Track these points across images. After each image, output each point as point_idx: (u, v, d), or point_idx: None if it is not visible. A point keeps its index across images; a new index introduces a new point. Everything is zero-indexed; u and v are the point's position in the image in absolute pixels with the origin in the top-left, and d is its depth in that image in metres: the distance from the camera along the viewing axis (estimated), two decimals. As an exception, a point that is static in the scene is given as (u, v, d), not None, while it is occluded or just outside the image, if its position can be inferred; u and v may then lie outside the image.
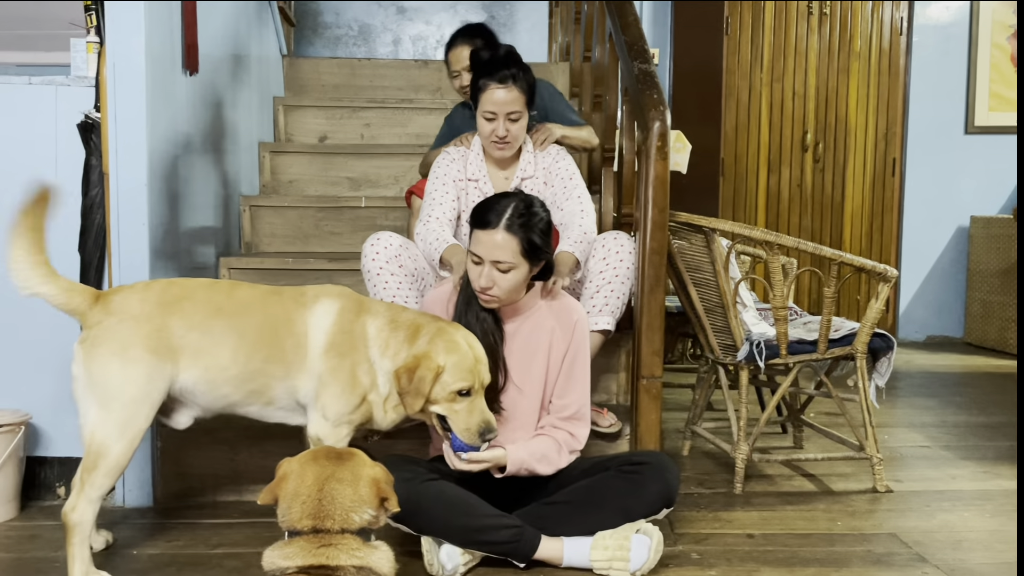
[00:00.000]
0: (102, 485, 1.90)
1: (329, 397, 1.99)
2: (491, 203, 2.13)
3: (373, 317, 2.04)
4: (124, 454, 1.90)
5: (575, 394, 2.21)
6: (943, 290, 5.72)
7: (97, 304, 1.92)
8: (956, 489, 2.70)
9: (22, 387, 2.46)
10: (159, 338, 1.91)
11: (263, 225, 3.55)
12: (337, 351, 1.99)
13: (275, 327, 1.99)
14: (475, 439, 1.96)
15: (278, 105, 4.11)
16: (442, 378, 1.94)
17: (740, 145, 5.63)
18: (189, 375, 1.95)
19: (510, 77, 2.50)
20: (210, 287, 2.04)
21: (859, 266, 2.61)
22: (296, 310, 2.02)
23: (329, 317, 2.01)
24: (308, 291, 2.07)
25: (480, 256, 2.09)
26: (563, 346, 2.21)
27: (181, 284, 2.03)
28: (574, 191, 2.59)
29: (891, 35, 5.65)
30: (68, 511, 1.89)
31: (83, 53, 2.47)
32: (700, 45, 5.38)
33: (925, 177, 5.69)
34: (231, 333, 1.96)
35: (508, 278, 2.10)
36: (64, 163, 2.43)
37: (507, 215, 2.08)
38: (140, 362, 1.89)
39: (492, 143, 2.58)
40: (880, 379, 2.72)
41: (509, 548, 2.01)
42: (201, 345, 1.94)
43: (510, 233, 2.07)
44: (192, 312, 1.95)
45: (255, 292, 2.06)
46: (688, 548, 2.20)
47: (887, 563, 2.12)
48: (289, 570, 1.51)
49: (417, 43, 5.68)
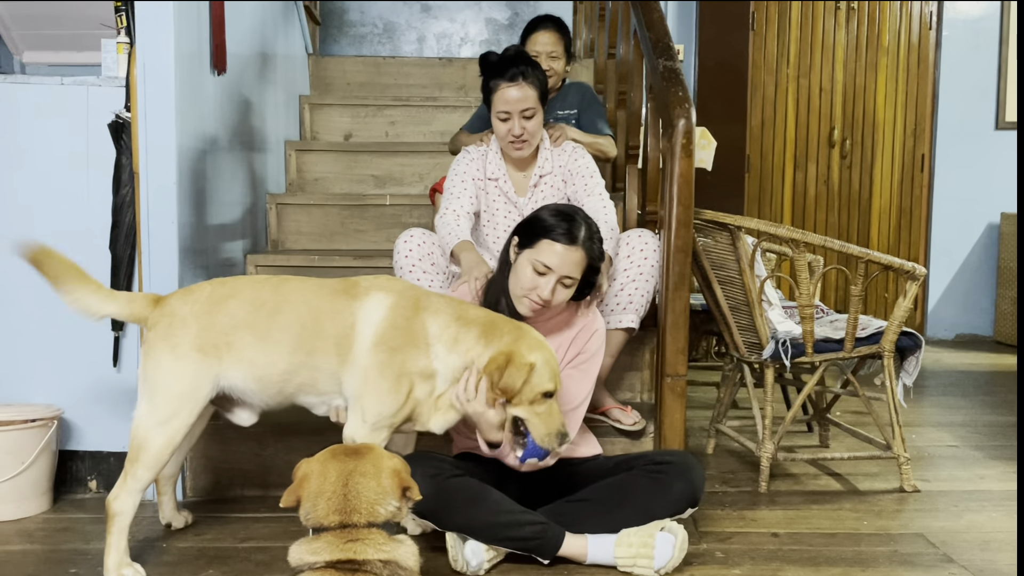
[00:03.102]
0: (142, 477, 1.94)
1: (371, 396, 1.94)
2: (563, 215, 2.13)
3: (434, 314, 1.97)
4: (164, 448, 1.94)
5: (580, 387, 2.20)
6: (972, 288, 5.65)
7: (156, 308, 1.99)
8: (984, 489, 2.68)
9: (54, 382, 2.51)
10: (205, 337, 1.94)
11: (289, 223, 3.58)
12: (387, 346, 1.93)
13: (320, 319, 1.97)
14: (553, 443, 1.91)
15: (304, 103, 4.14)
16: (531, 378, 1.88)
17: (766, 141, 5.59)
18: (237, 372, 1.97)
19: (520, 74, 2.50)
20: (257, 284, 2.03)
21: (887, 264, 2.59)
22: (344, 301, 1.98)
23: (380, 311, 1.96)
24: (361, 282, 2.03)
25: (551, 267, 2.09)
26: (577, 348, 2.23)
27: (231, 283, 2.04)
28: (595, 188, 2.59)
29: (920, 30, 5.59)
30: (111, 500, 1.94)
31: (113, 53, 2.50)
32: (725, 41, 5.35)
33: (954, 174, 5.62)
34: (274, 328, 1.96)
35: (567, 292, 2.14)
36: (95, 162, 2.46)
37: (582, 234, 2.11)
38: (186, 360, 1.93)
39: (509, 143, 2.57)
40: (908, 378, 2.70)
41: (533, 544, 2.01)
42: (244, 342, 1.96)
43: (584, 250, 2.11)
44: (236, 309, 1.97)
45: (303, 286, 2.03)
46: (712, 547, 2.19)
47: (914, 563, 2.11)
48: (316, 565, 1.52)
49: (441, 41, 5.69)
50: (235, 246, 3.12)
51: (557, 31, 3.23)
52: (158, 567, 2.03)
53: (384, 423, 1.96)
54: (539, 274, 2.10)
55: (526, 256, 2.13)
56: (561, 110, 3.18)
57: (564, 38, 3.25)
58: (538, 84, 2.53)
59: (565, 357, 2.22)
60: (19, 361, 2.50)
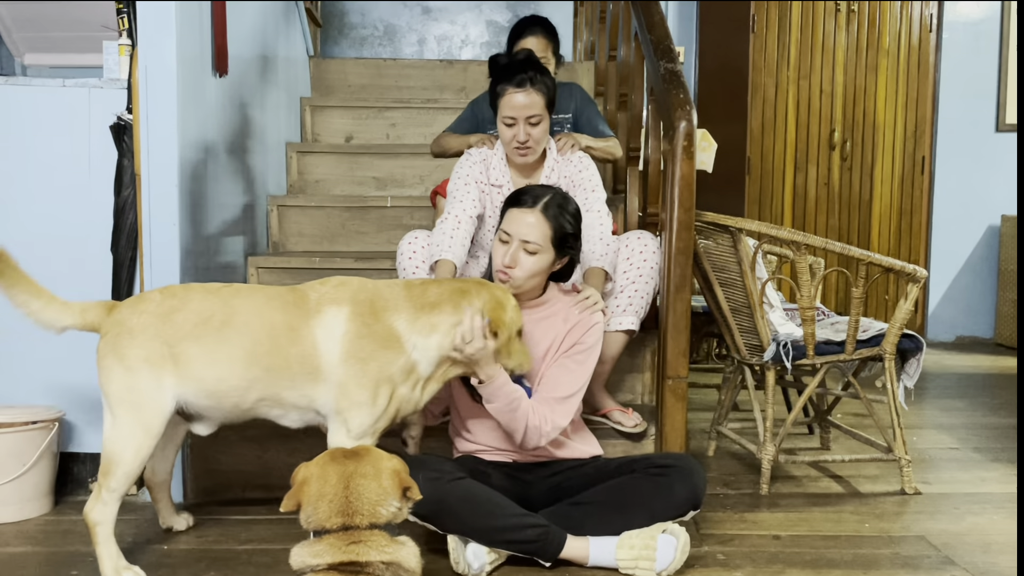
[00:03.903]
0: (116, 488, 1.92)
1: (353, 408, 1.94)
2: (530, 187, 2.21)
3: (396, 312, 1.97)
4: (133, 461, 1.92)
5: (573, 378, 2.18)
6: (973, 290, 5.65)
7: (108, 316, 1.97)
8: (986, 492, 2.67)
9: (56, 384, 2.51)
10: (152, 348, 1.92)
11: (290, 225, 3.59)
12: (357, 358, 1.93)
13: (275, 336, 1.94)
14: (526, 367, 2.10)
15: (305, 105, 4.14)
16: (514, 315, 2.04)
17: (766, 143, 5.59)
18: (188, 386, 1.94)
19: (528, 80, 2.48)
20: (207, 295, 1.99)
21: (887, 266, 2.59)
22: (299, 317, 1.95)
23: (339, 325, 1.94)
24: (310, 293, 2.00)
25: (510, 234, 2.12)
26: (573, 340, 2.20)
27: (181, 293, 2.00)
28: (595, 204, 2.55)
29: (921, 32, 5.59)
30: (87, 511, 1.93)
31: (115, 55, 2.51)
32: (726, 43, 5.36)
33: (955, 176, 5.62)
34: (223, 343, 1.93)
35: (532, 261, 2.13)
36: (97, 164, 2.46)
37: (544, 199, 2.14)
38: (136, 372, 1.91)
39: (514, 149, 2.56)
40: (909, 380, 2.70)
41: (535, 547, 2.01)
42: (190, 355, 1.92)
43: (544, 216, 2.12)
44: (183, 323, 1.93)
45: (254, 298, 1.99)
46: (713, 549, 2.19)
47: (915, 566, 2.11)
48: (319, 567, 1.52)
49: (442, 43, 5.69)
50: (236, 248, 3.12)
51: (545, 36, 3.16)
52: (159, 569, 2.03)
53: (368, 431, 1.97)
54: (502, 242, 2.14)
55: (496, 232, 2.18)
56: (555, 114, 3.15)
57: (552, 42, 3.19)
58: (546, 91, 2.51)
59: (561, 347, 2.21)
60: (20, 363, 2.50)
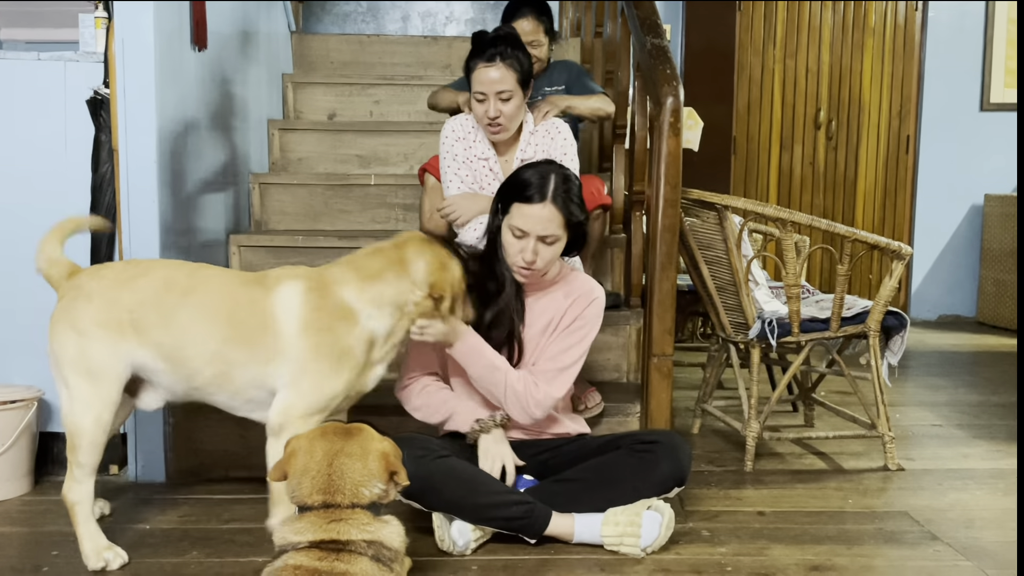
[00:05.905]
0: (86, 463, 1.90)
1: (311, 380, 1.92)
2: (528, 175, 2.11)
3: (343, 284, 1.97)
4: (95, 430, 1.89)
5: (572, 351, 2.17)
6: (956, 269, 5.68)
7: (67, 280, 1.94)
8: (968, 468, 2.69)
9: (34, 363, 2.46)
10: (108, 312, 1.89)
11: (272, 203, 3.54)
12: (315, 328, 1.93)
13: (235, 308, 1.93)
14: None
15: (287, 82, 4.09)
16: (458, 272, 2.03)
17: (752, 122, 5.58)
18: (146, 352, 1.92)
19: (498, 55, 2.45)
20: (170, 266, 2.01)
21: (873, 243, 2.59)
22: (259, 291, 1.96)
23: (296, 297, 1.95)
24: (270, 274, 2.02)
25: (525, 231, 2.08)
26: (574, 314, 2.19)
27: (146, 264, 2.00)
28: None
29: (906, 10, 5.58)
30: (65, 493, 1.91)
31: (91, 28, 2.46)
32: (712, 21, 5.32)
33: (939, 155, 5.63)
34: (182, 309, 1.92)
35: (552, 250, 2.11)
36: (73, 140, 2.42)
37: (551, 188, 2.08)
38: (89, 336, 1.88)
39: (486, 126, 2.54)
40: (893, 357, 2.71)
41: (520, 524, 2.01)
42: (149, 320, 1.90)
43: (555, 206, 2.07)
44: (144, 287, 1.92)
45: (219, 272, 2.01)
46: (698, 525, 2.20)
47: (898, 541, 2.12)
48: (300, 545, 1.51)
49: (426, 19, 5.63)
50: (217, 226, 3.08)
51: (536, 17, 3.13)
52: (141, 549, 2.01)
53: (319, 407, 1.94)
54: (517, 238, 2.10)
55: (505, 223, 2.13)
56: (548, 87, 3.14)
57: (545, 22, 3.15)
58: (519, 67, 2.47)
59: (561, 323, 2.19)
60: (-2, 342, 2.46)
